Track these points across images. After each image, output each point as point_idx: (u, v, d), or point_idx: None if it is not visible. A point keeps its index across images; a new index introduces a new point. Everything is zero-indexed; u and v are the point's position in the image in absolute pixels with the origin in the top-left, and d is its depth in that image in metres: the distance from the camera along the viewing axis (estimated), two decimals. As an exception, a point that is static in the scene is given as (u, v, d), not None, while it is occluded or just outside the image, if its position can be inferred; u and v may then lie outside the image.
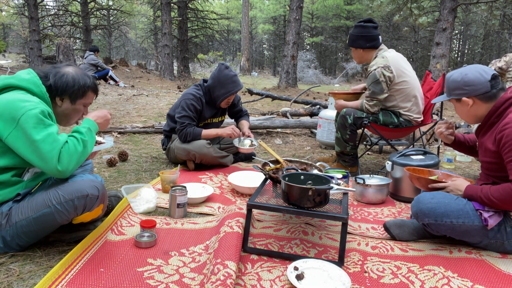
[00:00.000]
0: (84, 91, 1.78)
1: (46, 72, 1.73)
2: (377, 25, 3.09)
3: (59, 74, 1.72)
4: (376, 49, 3.08)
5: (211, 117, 3.30)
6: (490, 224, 1.73)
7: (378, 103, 3.02)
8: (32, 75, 1.67)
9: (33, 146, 1.51)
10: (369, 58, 3.11)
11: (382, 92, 2.97)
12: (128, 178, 2.91)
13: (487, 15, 16.34)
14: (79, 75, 1.77)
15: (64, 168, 1.55)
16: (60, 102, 1.75)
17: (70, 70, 1.77)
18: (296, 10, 11.94)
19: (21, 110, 1.52)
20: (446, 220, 1.77)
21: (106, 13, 19.70)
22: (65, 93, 1.73)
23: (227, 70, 3.14)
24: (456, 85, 1.88)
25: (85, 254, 1.67)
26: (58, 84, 1.71)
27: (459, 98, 1.89)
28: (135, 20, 27.62)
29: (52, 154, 1.52)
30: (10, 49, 25.65)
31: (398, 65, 2.99)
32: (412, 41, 24.86)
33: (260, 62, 40.57)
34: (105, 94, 7.54)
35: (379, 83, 2.94)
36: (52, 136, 1.55)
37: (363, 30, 3.06)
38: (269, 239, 1.92)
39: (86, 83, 1.78)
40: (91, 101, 1.86)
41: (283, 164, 2.28)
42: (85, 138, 1.66)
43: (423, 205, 1.82)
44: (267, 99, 8.36)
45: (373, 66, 2.98)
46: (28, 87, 1.63)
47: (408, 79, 3.02)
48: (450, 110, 9.15)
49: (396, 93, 3.02)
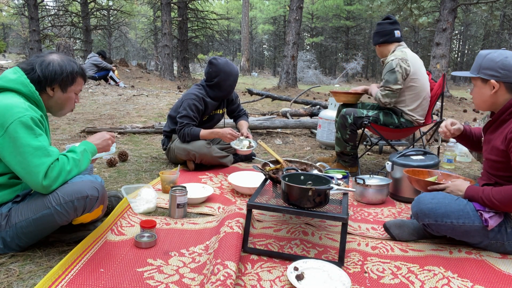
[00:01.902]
0: (73, 77, 1.73)
1: (31, 64, 1.67)
2: (393, 21, 3.10)
3: (45, 63, 1.67)
4: (391, 43, 3.10)
5: (214, 109, 3.32)
6: (491, 224, 1.73)
7: (390, 93, 2.99)
8: (18, 74, 1.63)
9: (20, 157, 1.48)
10: (387, 52, 3.13)
11: (396, 82, 2.95)
12: (128, 178, 2.91)
13: (487, 16, 16.34)
14: (65, 62, 1.72)
15: (49, 183, 1.52)
16: (51, 92, 1.70)
17: (54, 57, 1.71)
18: (296, 10, 11.94)
19: (10, 118, 1.48)
20: (446, 221, 1.76)
21: (106, 13, 19.70)
22: (54, 81, 1.68)
23: (221, 60, 3.15)
24: (491, 64, 1.76)
25: (85, 255, 1.67)
26: (46, 73, 1.66)
27: (488, 79, 1.77)
28: (135, 20, 27.61)
29: (39, 169, 1.49)
30: (10, 49, 25.68)
31: (414, 62, 3.01)
32: (412, 42, 24.87)
33: (260, 62, 40.59)
34: (105, 95, 7.53)
35: (394, 73, 2.94)
36: (43, 149, 1.51)
37: (378, 27, 3.16)
38: (269, 239, 1.92)
39: (74, 69, 1.73)
40: (81, 87, 1.81)
41: (283, 164, 2.28)
42: (77, 157, 1.63)
43: (423, 205, 1.81)
44: (267, 99, 8.37)
45: (391, 57, 2.99)
46: (16, 88, 1.60)
47: (420, 78, 3.03)
48: (450, 111, 9.15)
49: (407, 89, 3.02)
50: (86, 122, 4.94)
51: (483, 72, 1.79)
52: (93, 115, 5.52)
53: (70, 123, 4.87)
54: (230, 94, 3.28)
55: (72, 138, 4.09)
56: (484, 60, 1.80)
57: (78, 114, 5.49)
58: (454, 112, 9.10)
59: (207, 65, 3.19)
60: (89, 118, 5.27)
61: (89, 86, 8.57)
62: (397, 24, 3.11)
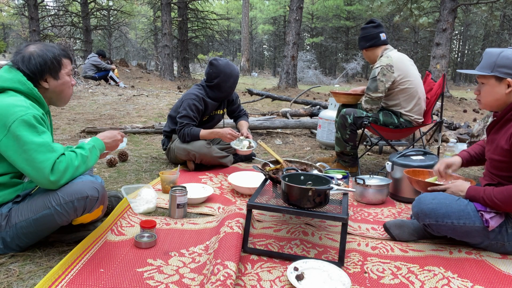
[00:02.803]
0: (58, 61, 1.70)
1: (16, 63, 1.64)
2: (377, 24, 3.09)
3: (26, 59, 1.64)
4: (377, 47, 3.10)
5: (214, 110, 3.31)
6: (491, 225, 1.73)
7: (370, 100, 3.02)
8: (14, 73, 1.62)
9: (25, 154, 1.48)
10: (375, 57, 3.13)
11: (375, 91, 2.97)
12: (128, 178, 2.91)
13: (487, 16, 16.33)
14: (44, 50, 1.68)
15: (56, 179, 1.52)
16: (46, 84, 1.69)
17: (32, 49, 1.67)
18: (296, 10, 11.95)
19: (11, 117, 1.48)
20: (447, 221, 1.76)
21: (106, 14, 19.70)
22: (43, 73, 1.66)
23: (221, 61, 3.14)
24: (507, 62, 1.72)
25: (85, 255, 1.67)
26: (32, 68, 1.64)
27: (504, 77, 1.73)
28: (135, 21, 27.63)
29: (46, 164, 1.49)
30: (10, 50, 25.66)
31: (402, 65, 3.00)
32: (412, 42, 24.87)
33: (260, 63, 40.61)
34: (105, 95, 7.54)
35: (375, 81, 2.96)
36: (47, 145, 1.51)
37: (363, 31, 3.14)
38: (269, 240, 1.92)
39: (55, 54, 1.69)
40: (70, 67, 1.78)
41: (283, 165, 2.28)
42: (86, 154, 1.63)
43: (424, 205, 1.81)
44: (267, 99, 8.37)
45: (376, 64, 3.00)
46: (14, 87, 1.60)
47: (412, 80, 3.02)
48: (450, 111, 9.15)
49: (400, 92, 3.03)
50: (86, 122, 4.94)
51: (498, 70, 1.74)
52: (93, 115, 5.53)
53: (70, 123, 4.87)
54: (230, 95, 3.28)
55: (72, 138, 4.09)
56: (499, 58, 1.74)
57: (78, 114, 5.49)
58: (454, 112, 9.10)
59: (208, 65, 3.19)
60: (89, 118, 5.27)
61: (89, 86, 8.58)
62: (382, 27, 3.11)
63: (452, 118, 7.59)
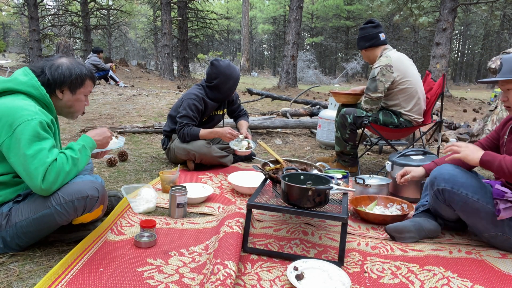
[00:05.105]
0: (82, 79, 1.76)
1: (41, 67, 1.71)
2: (376, 24, 3.09)
3: (54, 66, 1.71)
4: (377, 47, 3.10)
5: (214, 110, 3.31)
6: (501, 216, 1.70)
7: (369, 100, 3.02)
8: (29, 77, 1.65)
9: (22, 159, 1.50)
10: (374, 57, 3.12)
11: (375, 91, 2.97)
12: (128, 178, 2.91)
13: (487, 15, 16.34)
14: (74, 65, 1.75)
15: (48, 187, 1.52)
16: (61, 95, 1.73)
17: (64, 61, 1.75)
18: (296, 10, 11.95)
19: (19, 119, 1.50)
20: (463, 191, 1.75)
21: (106, 13, 19.70)
22: (63, 84, 1.71)
23: (223, 62, 3.14)
24: None
25: (85, 254, 1.67)
26: (55, 76, 1.69)
27: None
28: (135, 20, 27.62)
29: (38, 172, 1.49)
30: (10, 49, 25.68)
31: (402, 65, 3.00)
32: (412, 41, 24.88)
33: (260, 62, 40.60)
34: (105, 94, 7.54)
35: (375, 81, 2.96)
36: (43, 152, 1.52)
37: (362, 31, 3.14)
38: (269, 239, 1.92)
39: (82, 72, 1.76)
40: (91, 89, 1.85)
41: (283, 164, 2.28)
42: (76, 155, 1.63)
43: (445, 170, 1.81)
44: (267, 99, 8.37)
45: (376, 65, 3.00)
46: (27, 91, 1.62)
47: (411, 79, 3.02)
48: (450, 110, 9.15)
49: (399, 92, 3.03)
50: (86, 122, 4.95)
51: None
52: (93, 114, 5.53)
53: (70, 123, 4.87)
54: (230, 97, 3.27)
55: (72, 138, 4.09)
56: None
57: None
58: (454, 111, 9.10)
59: (209, 65, 3.19)
60: (89, 117, 5.27)
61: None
62: (381, 27, 3.11)
63: (452, 118, 7.59)
